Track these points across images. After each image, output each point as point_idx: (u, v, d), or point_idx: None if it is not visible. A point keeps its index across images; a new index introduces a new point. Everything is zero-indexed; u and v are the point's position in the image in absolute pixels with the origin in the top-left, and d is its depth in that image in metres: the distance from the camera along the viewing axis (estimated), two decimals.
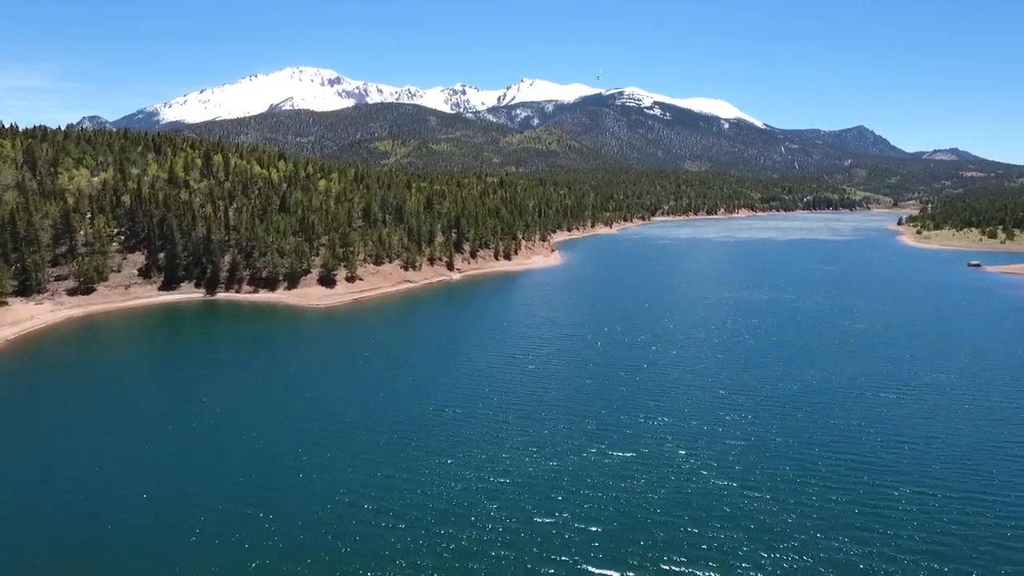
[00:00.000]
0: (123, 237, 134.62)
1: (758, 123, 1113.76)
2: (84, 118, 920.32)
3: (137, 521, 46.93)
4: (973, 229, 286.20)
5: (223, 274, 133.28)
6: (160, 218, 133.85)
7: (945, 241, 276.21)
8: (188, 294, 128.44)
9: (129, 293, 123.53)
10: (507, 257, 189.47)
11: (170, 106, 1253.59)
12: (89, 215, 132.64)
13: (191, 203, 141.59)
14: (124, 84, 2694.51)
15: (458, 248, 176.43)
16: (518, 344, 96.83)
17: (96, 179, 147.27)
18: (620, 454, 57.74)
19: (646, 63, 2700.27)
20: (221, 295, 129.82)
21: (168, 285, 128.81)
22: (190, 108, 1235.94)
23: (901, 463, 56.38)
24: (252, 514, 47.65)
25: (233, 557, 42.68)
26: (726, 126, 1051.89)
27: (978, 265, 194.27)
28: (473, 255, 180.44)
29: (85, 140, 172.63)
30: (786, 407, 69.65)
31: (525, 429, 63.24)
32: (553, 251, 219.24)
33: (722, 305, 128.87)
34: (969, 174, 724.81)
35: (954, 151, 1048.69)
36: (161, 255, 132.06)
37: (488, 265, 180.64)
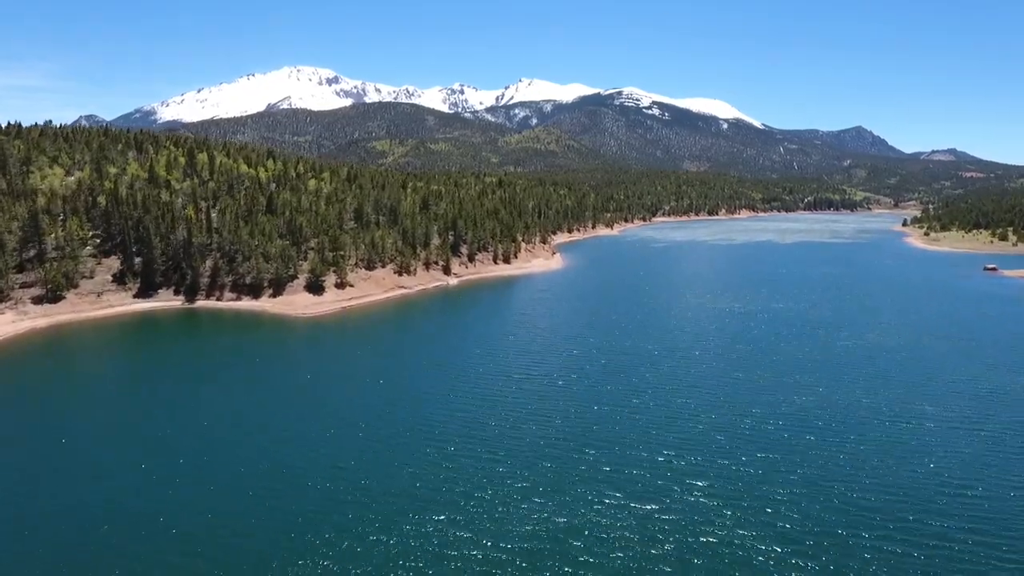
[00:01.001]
0: (98, 240, 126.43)
1: (756, 123, 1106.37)
2: (81, 117, 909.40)
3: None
4: (982, 231, 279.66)
5: (204, 280, 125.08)
6: (137, 220, 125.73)
7: (955, 243, 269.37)
8: (165, 302, 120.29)
9: (101, 301, 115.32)
10: (506, 260, 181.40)
11: (167, 105, 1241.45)
12: (61, 217, 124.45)
13: (171, 204, 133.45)
14: (122, 83, 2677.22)
15: (455, 251, 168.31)
16: (518, 360, 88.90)
17: (71, 179, 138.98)
18: (642, 506, 49.30)
19: (645, 63, 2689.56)
20: (201, 303, 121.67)
21: (144, 292, 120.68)
22: (187, 107, 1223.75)
23: (973, 514, 48.48)
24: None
25: None
26: (725, 126, 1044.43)
27: (994, 269, 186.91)
28: (471, 259, 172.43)
29: (62, 138, 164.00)
30: (830, 444, 61.35)
31: (526, 471, 55.05)
32: (554, 254, 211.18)
33: (737, 317, 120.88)
34: (968, 174, 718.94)
35: (952, 151, 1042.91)
36: (138, 260, 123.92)
37: (487, 269, 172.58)
